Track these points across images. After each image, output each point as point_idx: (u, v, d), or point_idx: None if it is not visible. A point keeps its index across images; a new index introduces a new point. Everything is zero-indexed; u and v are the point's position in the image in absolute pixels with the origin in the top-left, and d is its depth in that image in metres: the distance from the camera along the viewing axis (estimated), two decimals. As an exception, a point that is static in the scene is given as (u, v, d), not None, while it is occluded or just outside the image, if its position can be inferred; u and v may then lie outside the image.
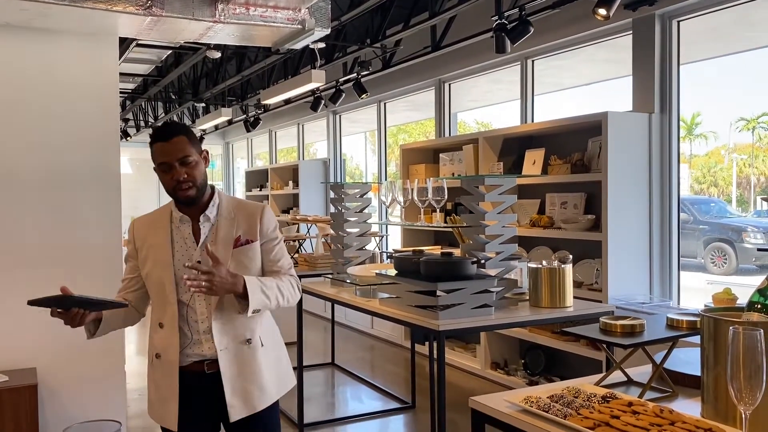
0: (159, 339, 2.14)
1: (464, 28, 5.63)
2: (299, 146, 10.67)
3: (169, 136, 2.05)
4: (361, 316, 6.85)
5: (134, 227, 2.23)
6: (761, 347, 1.25)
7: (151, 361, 2.18)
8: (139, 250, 2.18)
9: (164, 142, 2.04)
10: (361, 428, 4.58)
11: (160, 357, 2.14)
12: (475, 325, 2.72)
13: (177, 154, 2.03)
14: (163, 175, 2.07)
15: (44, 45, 3.24)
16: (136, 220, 2.27)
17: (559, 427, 1.50)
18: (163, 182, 2.09)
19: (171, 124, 2.10)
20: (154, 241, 2.15)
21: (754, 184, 18.30)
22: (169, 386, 2.11)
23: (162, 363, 2.13)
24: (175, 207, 2.17)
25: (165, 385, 2.12)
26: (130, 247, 2.21)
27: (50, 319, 3.21)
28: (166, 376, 2.12)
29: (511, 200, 2.89)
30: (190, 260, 2.07)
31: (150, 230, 2.18)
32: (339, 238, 3.80)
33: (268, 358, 2.18)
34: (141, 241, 2.18)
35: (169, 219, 2.17)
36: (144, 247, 2.17)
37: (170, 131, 2.06)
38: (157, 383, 2.16)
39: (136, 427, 4.40)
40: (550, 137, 5.04)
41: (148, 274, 2.16)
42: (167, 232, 2.14)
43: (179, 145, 2.04)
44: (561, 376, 4.83)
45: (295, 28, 3.09)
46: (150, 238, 2.16)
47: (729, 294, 3.66)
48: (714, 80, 5.52)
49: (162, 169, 2.06)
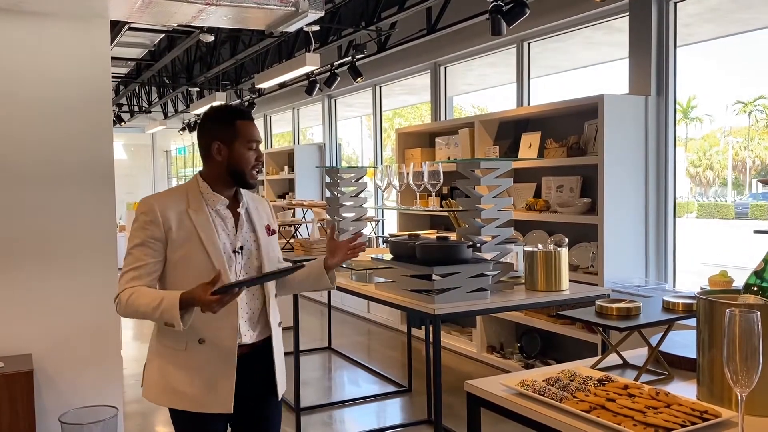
0: (204, 324, 2.02)
1: (460, 10, 5.58)
2: (294, 131, 10.62)
3: (253, 119, 2.15)
4: (358, 300, 6.86)
5: (158, 207, 2.03)
6: (757, 330, 1.24)
7: (185, 347, 2.05)
8: (170, 230, 2.03)
9: (252, 121, 2.14)
10: (358, 412, 4.60)
11: (204, 342, 2.04)
12: (471, 309, 2.72)
13: (260, 137, 2.15)
14: (249, 153, 2.10)
15: (33, 28, 3.19)
16: (155, 200, 2.08)
17: (555, 411, 1.50)
18: (243, 159, 2.09)
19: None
20: (196, 222, 2.05)
21: (749, 167, 18.32)
22: (221, 370, 2.05)
23: (209, 347, 2.05)
24: (210, 190, 2.11)
25: (214, 369, 2.05)
26: (154, 228, 2.02)
27: (46, 304, 3.22)
28: (215, 359, 2.05)
29: (506, 184, 2.88)
30: (232, 245, 2.10)
31: (181, 210, 2.05)
32: (334, 222, 3.78)
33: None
34: (173, 222, 2.03)
35: (202, 201, 2.10)
36: (182, 227, 2.04)
37: (252, 115, 2.17)
38: (199, 369, 2.05)
39: (132, 412, 4.41)
40: (546, 120, 5.01)
41: (186, 256, 2.03)
42: (207, 214, 2.08)
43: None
44: (557, 359, 4.85)
45: (289, 11, 3.05)
46: (184, 219, 2.04)
47: (725, 276, 3.67)
48: (710, 63, 5.52)
49: (250, 146, 2.10)
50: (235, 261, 2.10)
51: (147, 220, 2.03)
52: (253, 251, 2.16)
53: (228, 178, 2.11)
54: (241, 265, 2.11)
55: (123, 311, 2.01)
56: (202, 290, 1.84)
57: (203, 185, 2.12)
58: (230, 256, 2.09)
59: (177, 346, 2.06)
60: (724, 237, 16.79)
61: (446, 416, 3.76)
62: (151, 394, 2.12)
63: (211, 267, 2.01)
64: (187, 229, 2.04)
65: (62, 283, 3.24)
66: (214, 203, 2.11)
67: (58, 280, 3.23)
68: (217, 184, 2.12)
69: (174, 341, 2.06)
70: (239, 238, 2.13)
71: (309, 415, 4.41)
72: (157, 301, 1.91)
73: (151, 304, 1.92)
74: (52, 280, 3.23)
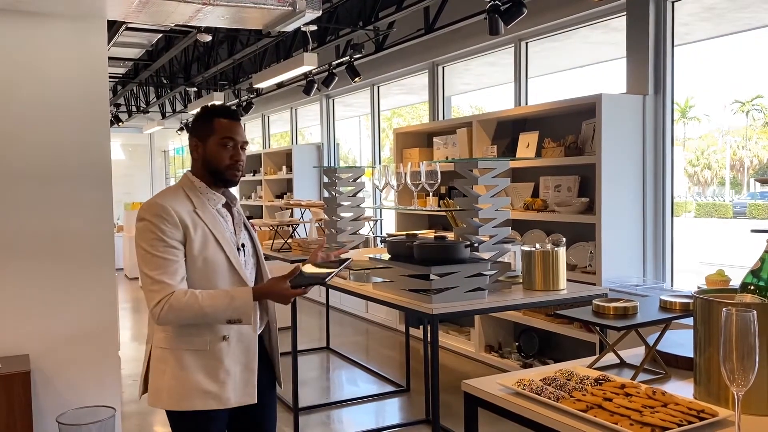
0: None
1: (457, 10, 5.58)
2: (292, 131, 10.61)
3: (237, 118, 2.15)
4: (356, 300, 6.86)
5: (173, 208, 2.02)
6: (754, 329, 1.24)
7: (208, 347, 2.06)
8: (187, 230, 2.02)
9: (233, 120, 2.13)
10: (356, 412, 4.60)
11: (227, 338, 2.07)
12: (468, 309, 2.72)
13: (243, 136, 2.13)
14: (222, 150, 2.09)
15: (30, 28, 3.18)
16: (164, 201, 2.05)
17: (552, 410, 1.50)
18: (217, 157, 2.09)
19: (234, 108, 2.26)
20: (208, 222, 2.07)
21: (747, 166, 18.35)
22: (245, 363, 2.12)
23: (234, 343, 2.09)
24: (209, 189, 2.13)
25: (238, 363, 2.10)
26: (175, 230, 2.00)
27: (43, 304, 3.21)
28: (239, 354, 2.11)
29: (504, 183, 2.88)
30: (235, 242, 2.14)
31: (190, 210, 2.06)
32: (332, 222, 3.78)
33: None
34: (189, 223, 2.03)
35: (204, 200, 2.12)
36: (197, 227, 2.04)
37: (237, 115, 2.16)
38: (225, 366, 2.07)
39: (130, 412, 4.41)
40: (543, 120, 5.02)
41: (208, 256, 2.04)
42: (214, 213, 2.12)
43: (243, 131, 2.15)
44: (555, 358, 4.85)
45: (286, 10, 3.05)
46: (197, 220, 2.06)
47: (722, 275, 3.66)
48: (708, 62, 5.52)
49: (224, 144, 2.09)
50: (239, 257, 2.15)
51: (165, 222, 2.00)
52: (250, 248, 2.22)
53: (209, 176, 2.14)
54: (244, 261, 2.16)
55: (176, 315, 1.96)
56: (277, 282, 2.00)
57: (200, 184, 2.13)
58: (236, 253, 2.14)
59: (200, 347, 2.06)
60: (721, 236, 16.81)
61: (444, 416, 3.76)
62: (164, 401, 2.08)
63: (228, 264, 2.07)
64: (201, 228, 2.06)
65: (60, 283, 3.23)
66: (215, 203, 2.13)
67: (56, 281, 3.23)
68: (210, 183, 2.14)
69: (194, 343, 2.06)
70: (240, 234, 2.19)
71: (307, 415, 4.41)
72: (228, 298, 1.97)
73: (221, 303, 1.96)
74: (49, 280, 3.22)
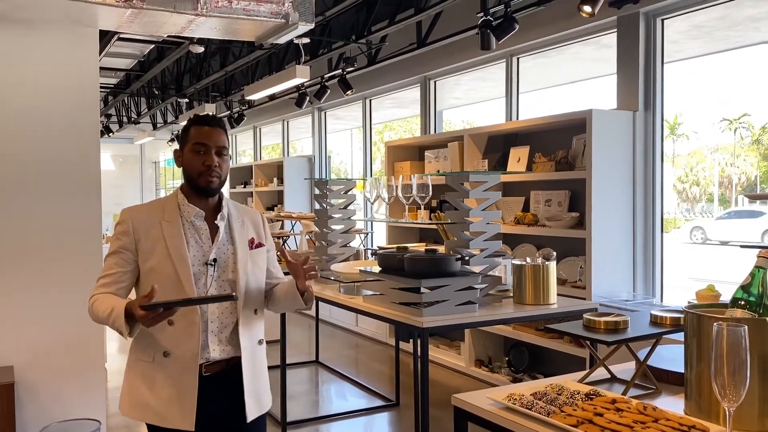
0: (168, 337, 2.02)
1: (450, 25, 5.62)
2: (284, 143, 10.61)
3: (213, 124, 2.11)
4: (346, 313, 6.83)
5: (131, 217, 2.08)
6: (745, 344, 1.24)
7: (152, 359, 2.04)
8: (139, 241, 2.05)
9: (208, 126, 2.10)
10: (345, 426, 4.56)
11: (169, 355, 2.02)
12: (459, 322, 2.71)
13: (217, 142, 2.08)
14: (195, 156, 2.06)
15: (21, 38, 3.17)
16: (130, 211, 2.12)
17: (543, 425, 1.49)
18: (190, 164, 2.07)
19: (214, 116, 2.18)
20: (166, 233, 2.05)
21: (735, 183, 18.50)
22: (184, 385, 2.01)
23: (173, 361, 2.02)
24: (186, 201, 2.10)
25: (176, 384, 2.02)
26: (125, 238, 2.05)
27: (28, 315, 3.17)
28: (178, 374, 2.02)
29: (495, 197, 2.88)
30: (204, 257, 2.06)
31: (154, 221, 2.06)
32: (323, 234, 3.77)
33: (266, 358, 2.24)
34: (143, 233, 2.05)
35: (178, 212, 2.09)
36: (148, 238, 2.04)
37: (215, 121, 2.13)
38: (162, 383, 2.03)
39: (116, 425, 4.35)
40: (534, 135, 5.04)
41: (154, 268, 2.03)
42: (179, 225, 2.07)
43: (221, 136, 2.10)
44: (545, 373, 4.84)
45: (279, 22, 3.05)
46: (155, 230, 2.05)
47: (712, 291, 3.67)
48: (697, 80, 5.57)
49: (196, 149, 2.06)
50: (207, 273, 2.06)
51: (120, 231, 2.08)
52: (229, 264, 2.10)
53: (188, 186, 2.12)
54: (213, 278, 2.07)
55: (90, 316, 2.04)
56: (137, 303, 1.84)
57: (181, 197, 2.12)
58: (200, 268, 2.05)
59: (146, 359, 2.07)
60: (711, 252, 16.91)
61: (434, 430, 3.74)
62: (124, 407, 2.13)
63: (177, 278, 2.01)
64: (155, 239, 2.05)
65: (46, 294, 3.20)
66: (189, 215, 2.09)
67: (42, 291, 3.19)
68: (191, 195, 2.11)
69: (143, 354, 2.07)
70: (213, 250, 2.08)
71: (295, 429, 4.37)
72: (110, 309, 1.92)
73: (106, 312, 1.93)
74: (35, 290, 3.18)
